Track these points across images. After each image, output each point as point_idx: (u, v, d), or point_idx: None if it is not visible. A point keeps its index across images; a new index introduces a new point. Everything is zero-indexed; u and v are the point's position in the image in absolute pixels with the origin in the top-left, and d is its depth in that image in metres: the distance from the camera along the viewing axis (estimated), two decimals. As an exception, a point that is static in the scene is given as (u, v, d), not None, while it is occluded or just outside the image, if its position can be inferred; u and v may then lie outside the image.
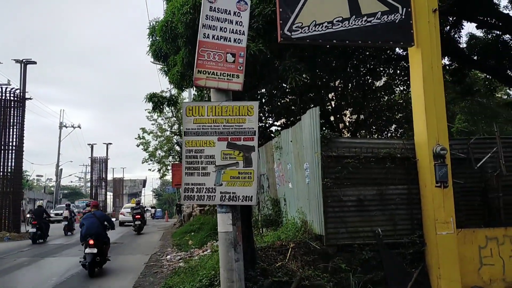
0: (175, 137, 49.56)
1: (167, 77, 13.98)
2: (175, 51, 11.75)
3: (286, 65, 9.55)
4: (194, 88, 15.98)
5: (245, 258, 5.93)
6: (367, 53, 13.98)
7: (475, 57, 14.95)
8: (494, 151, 7.87)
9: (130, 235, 22.95)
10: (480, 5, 12.63)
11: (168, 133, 49.56)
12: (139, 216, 23.26)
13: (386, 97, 17.37)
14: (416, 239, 7.29)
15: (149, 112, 45.10)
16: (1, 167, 22.30)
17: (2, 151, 22.32)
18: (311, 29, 7.04)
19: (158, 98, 13.77)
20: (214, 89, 6.14)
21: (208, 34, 6.08)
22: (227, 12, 6.17)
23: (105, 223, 10.61)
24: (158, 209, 58.86)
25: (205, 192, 5.94)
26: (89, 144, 56.94)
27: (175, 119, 47.93)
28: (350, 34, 7.20)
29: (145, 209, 34.46)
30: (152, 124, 48.91)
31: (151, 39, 13.36)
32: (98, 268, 10.15)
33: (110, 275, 10.07)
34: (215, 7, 6.11)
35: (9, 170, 22.50)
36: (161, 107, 14.16)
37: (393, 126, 18.12)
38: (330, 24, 7.12)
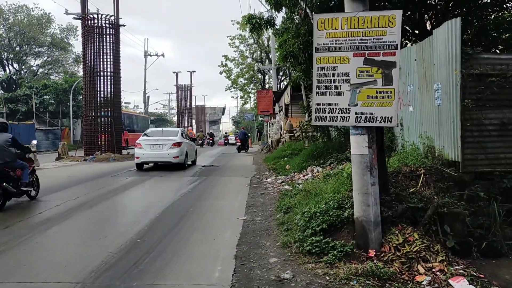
0: (257, 64, 49.35)
1: (265, -3, 13.34)
2: (277, -34, 10.98)
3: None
4: (287, 12, 15.22)
5: (379, 182, 5.59)
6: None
7: None
8: None
9: (221, 158, 23.81)
10: None
11: (249, 60, 49.43)
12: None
13: (494, 15, 15.26)
14: None
15: (246, 31, 44.61)
16: (102, 92, 23.57)
17: (102, 77, 23.46)
18: None
19: (256, 20, 13.28)
20: (350, -3, 5.49)
21: None
22: None
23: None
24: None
25: (338, 113, 5.54)
26: (174, 72, 58.53)
27: (256, 46, 47.39)
28: None
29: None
30: (234, 51, 49.07)
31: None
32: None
33: (217, 196, 10.38)
34: None
35: (109, 95, 23.76)
36: (259, 29, 13.67)
37: (499, 47, 16.12)
38: None
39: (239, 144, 31.64)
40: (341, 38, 5.47)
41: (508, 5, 15.13)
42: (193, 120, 72.62)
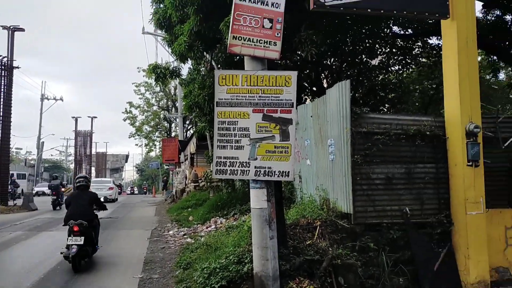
0: (163, 112, 48.89)
1: (170, 48, 13.47)
2: (183, 20, 11.22)
3: (302, 37, 9.16)
4: (193, 63, 15.51)
5: (277, 235, 5.67)
6: (363, 30, 13.64)
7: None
8: (521, 130, 7.71)
9: (121, 209, 22.58)
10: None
11: (155, 108, 48.85)
12: None
13: (381, 76, 17.14)
14: (443, 219, 7.12)
15: (152, 79, 43.76)
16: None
17: (-12, 122, 21.40)
18: (345, -4, 6.63)
19: (161, 70, 13.27)
20: (249, 56, 5.73)
21: (244, -3, 5.63)
22: (264, -27, 5.71)
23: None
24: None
25: (238, 167, 5.61)
26: (73, 117, 55.52)
27: (163, 94, 47.14)
28: (386, 3, 6.83)
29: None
30: (139, 98, 48.16)
31: (154, 7, 12.76)
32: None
33: (112, 252, 9.71)
34: (251, -33, 5.64)
35: (-4, 141, 21.63)
36: (164, 78, 13.65)
37: (386, 105, 18.00)
38: (365, -8, 6.72)
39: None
40: (241, 94, 5.64)
41: (392, 68, 17.07)
42: (93, 168, 68.70)
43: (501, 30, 14.10)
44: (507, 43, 14.74)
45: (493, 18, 14.69)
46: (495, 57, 15.99)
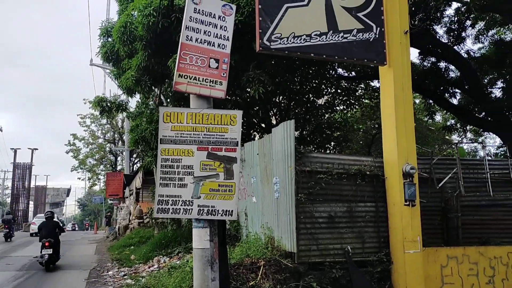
0: (109, 145, 47.50)
1: (118, 81, 13.31)
2: (131, 54, 11.17)
3: (250, 76, 9.39)
4: (141, 97, 15.37)
5: (220, 276, 5.56)
6: (310, 71, 14.25)
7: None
8: (454, 172, 8.19)
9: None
10: (425, 33, 13.34)
11: (101, 140, 47.39)
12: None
13: (327, 115, 17.81)
14: (383, 258, 7.31)
15: (92, 115, 42.61)
16: None
17: None
18: (290, 40, 6.92)
19: (107, 103, 13.00)
20: (195, 95, 5.76)
21: (191, 37, 5.72)
22: (212, 16, 5.87)
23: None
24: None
25: (181, 205, 5.52)
26: (12, 148, 52.57)
27: (109, 126, 45.95)
28: (327, 49, 7.18)
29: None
30: (84, 130, 46.60)
31: (102, 40, 12.63)
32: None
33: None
34: (199, 9, 5.78)
35: None
36: (109, 112, 13.36)
37: (332, 143, 18.61)
38: (308, 38, 7.05)
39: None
40: (186, 131, 5.63)
41: (337, 108, 17.75)
42: (31, 202, 64.75)
43: (436, 76, 15.18)
44: (441, 88, 15.85)
45: (429, 65, 15.83)
46: (431, 101, 17.08)
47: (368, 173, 7.54)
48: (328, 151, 17.95)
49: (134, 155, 38.07)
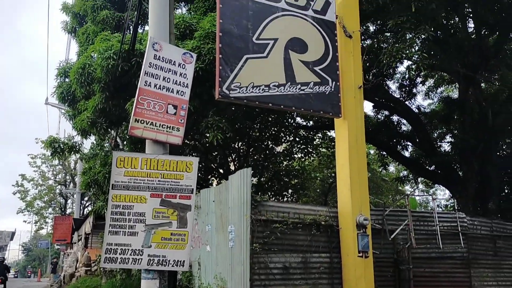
0: (59, 186, 45.43)
1: (73, 123, 12.98)
2: (88, 96, 11.00)
3: (209, 123, 9.42)
4: (96, 138, 15.02)
5: (168, 332, 5.27)
6: (270, 118, 14.54)
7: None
8: (405, 223, 8.36)
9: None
10: (379, 88, 14.04)
11: (51, 182, 45.33)
12: None
13: (285, 163, 18.04)
14: (338, 310, 7.23)
15: (44, 155, 40.87)
16: None
17: None
18: (249, 90, 7.05)
19: (59, 144, 12.58)
20: (151, 140, 5.68)
21: (150, 83, 5.73)
22: (172, 63, 5.93)
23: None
24: None
25: (130, 254, 5.29)
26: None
27: (61, 167, 44.17)
28: (285, 100, 7.37)
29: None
30: (34, 171, 44.50)
31: (59, 80, 12.41)
32: None
33: None
34: (160, 56, 5.83)
35: None
36: (62, 153, 12.90)
37: (290, 191, 18.73)
38: (267, 88, 7.22)
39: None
40: (140, 177, 5.50)
41: (296, 156, 18.00)
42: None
43: (389, 129, 15.85)
44: (394, 140, 16.51)
45: (382, 118, 16.55)
46: (384, 152, 17.70)
47: (323, 223, 7.57)
48: (285, 199, 18.05)
49: (86, 198, 36.58)
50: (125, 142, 14.03)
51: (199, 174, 15.80)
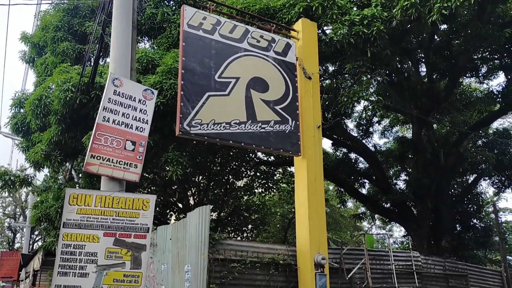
0: (8, 220, 43.02)
1: (26, 154, 12.48)
2: (43, 128, 10.67)
3: (169, 157, 9.32)
4: (50, 171, 14.49)
5: None
6: (231, 153, 14.59)
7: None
8: (362, 262, 8.45)
9: None
10: (337, 127, 14.45)
11: (0, 215, 42.89)
12: None
13: (246, 197, 17.98)
14: None
15: None
16: None
17: None
18: (210, 127, 7.08)
19: (10, 177, 12.01)
20: (107, 177, 5.53)
21: (109, 118, 5.63)
22: (132, 99, 5.87)
23: None
24: None
25: (79, 297, 5.01)
26: None
27: (11, 199, 42.01)
28: (246, 137, 7.43)
29: None
30: (-18, 203, 42.02)
31: (13, 111, 12.00)
32: None
33: None
34: (119, 92, 5.77)
35: None
36: (12, 187, 12.31)
37: (250, 226, 18.59)
38: (228, 125, 7.28)
39: None
40: (93, 215, 5.30)
41: (256, 191, 17.99)
42: None
43: (347, 166, 16.21)
44: (352, 177, 16.88)
45: (340, 155, 16.95)
46: (342, 189, 18.02)
47: (281, 262, 7.52)
48: (245, 234, 17.87)
49: (36, 232, 34.76)
50: (80, 175, 13.57)
51: (157, 209, 15.47)
